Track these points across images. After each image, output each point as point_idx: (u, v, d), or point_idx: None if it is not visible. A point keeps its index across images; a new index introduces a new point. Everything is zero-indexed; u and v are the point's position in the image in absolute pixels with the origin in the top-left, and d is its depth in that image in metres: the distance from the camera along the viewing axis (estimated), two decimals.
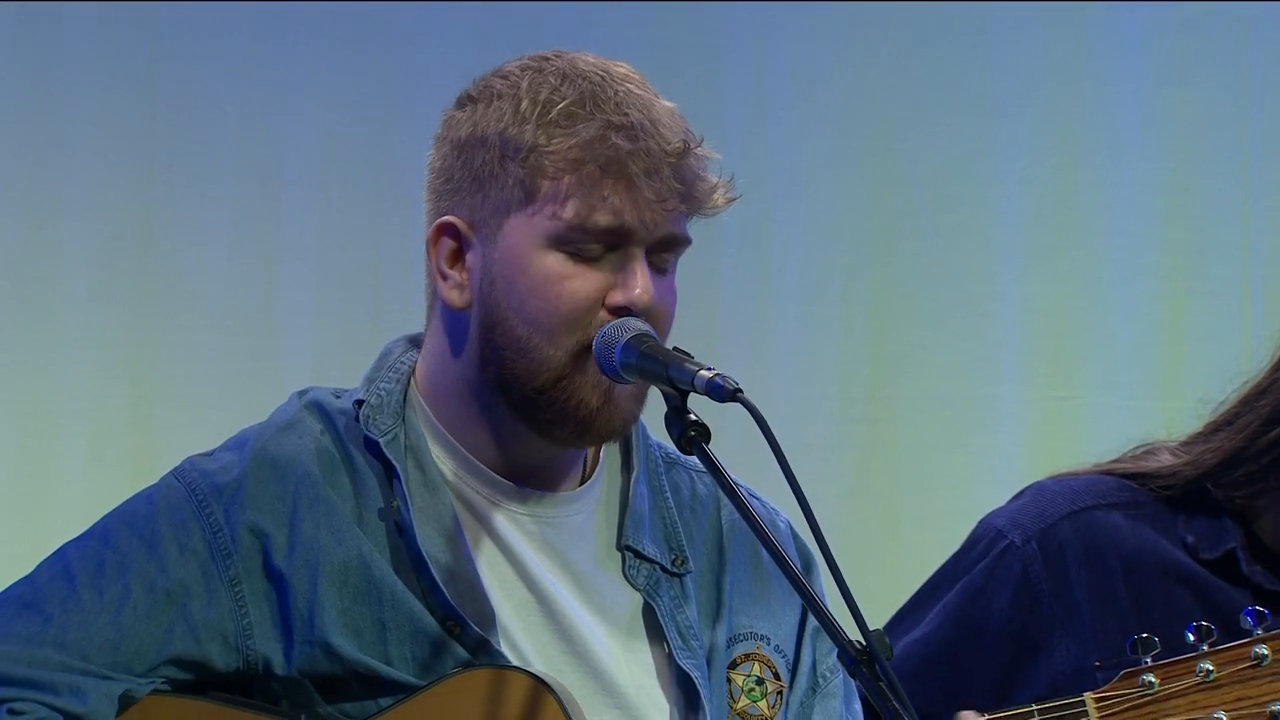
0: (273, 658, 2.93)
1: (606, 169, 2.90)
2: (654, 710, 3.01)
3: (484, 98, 2.98)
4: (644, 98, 2.94)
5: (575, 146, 2.91)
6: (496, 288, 2.95)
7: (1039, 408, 5.36)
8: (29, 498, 4.81)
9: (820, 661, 3.13)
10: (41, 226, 4.86)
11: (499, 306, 2.95)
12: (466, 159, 2.97)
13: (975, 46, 5.34)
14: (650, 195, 2.91)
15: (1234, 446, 3.71)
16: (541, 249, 2.93)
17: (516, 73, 2.98)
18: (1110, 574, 3.70)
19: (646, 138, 2.91)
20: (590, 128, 2.91)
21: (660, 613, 3.03)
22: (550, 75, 2.95)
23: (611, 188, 2.91)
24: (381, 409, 3.01)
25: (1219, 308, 5.37)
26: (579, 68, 2.96)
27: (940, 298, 5.34)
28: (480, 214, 2.96)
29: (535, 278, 2.93)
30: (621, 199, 2.91)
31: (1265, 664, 3.02)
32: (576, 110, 2.92)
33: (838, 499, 5.18)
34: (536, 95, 2.94)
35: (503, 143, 2.94)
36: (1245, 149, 5.44)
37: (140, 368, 4.90)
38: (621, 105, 2.92)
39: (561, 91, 2.93)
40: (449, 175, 2.99)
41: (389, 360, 3.08)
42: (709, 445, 2.79)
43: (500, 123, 2.95)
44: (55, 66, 4.84)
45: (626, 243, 2.93)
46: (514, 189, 2.93)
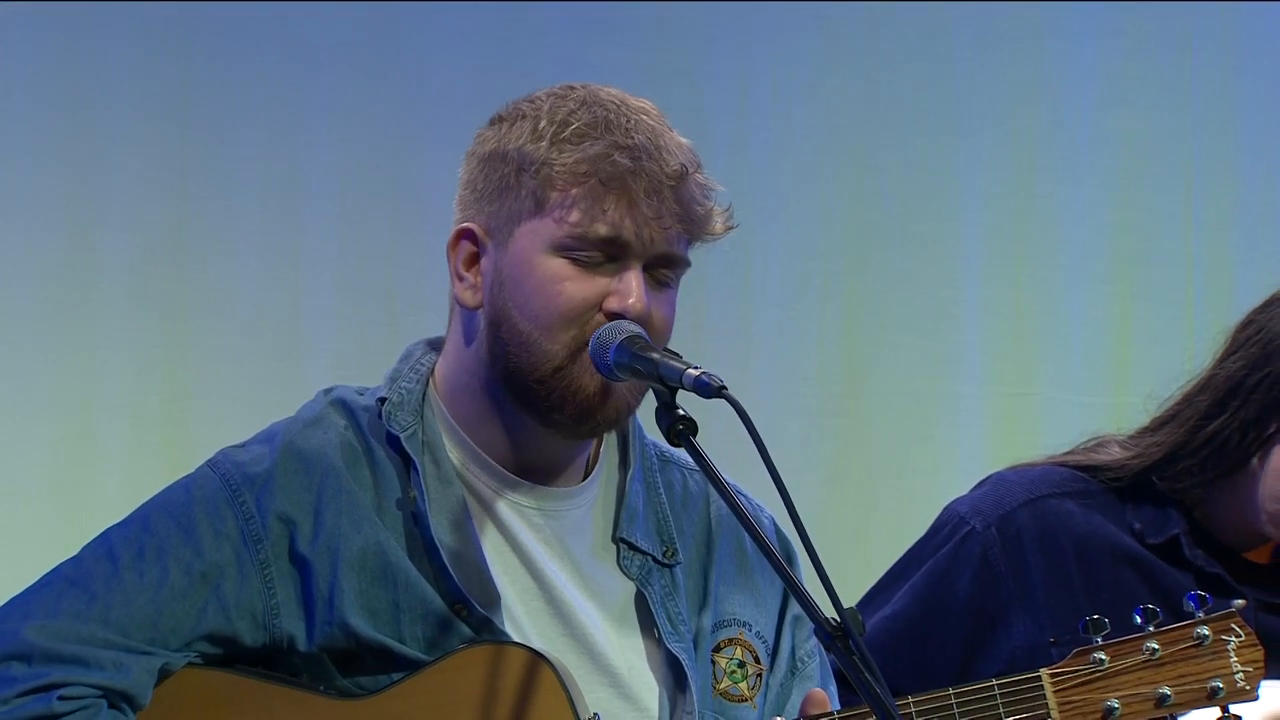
0: (296, 635, 2.94)
1: (608, 184, 2.92)
2: (645, 689, 3.02)
3: (510, 118, 3.01)
4: (654, 125, 2.96)
5: (582, 161, 2.92)
6: (505, 288, 2.97)
7: (998, 404, 5.36)
8: (72, 485, 4.79)
9: (799, 647, 3.14)
10: (84, 237, 4.84)
11: (506, 305, 2.96)
12: (489, 172, 2.99)
13: (940, 74, 5.34)
14: (648, 213, 2.92)
15: (1177, 441, 3.71)
16: (546, 254, 2.95)
17: (542, 97, 3.00)
18: (1064, 557, 3.70)
19: (649, 159, 2.92)
20: (597, 145, 2.93)
21: (651, 600, 3.04)
22: (571, 100, 2.98)
23: (613, 202, 2.92)
24: (402, 406, 3.02)
25: (1163, 312, 5.37)
26: (599, 96, 2.99)
27: (908, 302, 5.34)
28: (496, 222, 2.98)
29: (539, 279, 2.94)
30: (621, 213, 2.92)
31: (1206, 644, 3.02)
32: (588, 130, 2.94)
33: (815, 487, 5.17)
34: (554, 116, 2.96)
35: (520, 157, 2.96)
36: (1187, 167, 5.45)
37: (174, 366, 4.89)
38: (630, 129, 2.94)
39: (578, 114, 2.96)
40: (474, 186, 3.02)
41: (410, 361, 3.09)
42: (696, 438, 2.79)
43: (520, 139, 2.97)
44: (98, 93, 4.83)
45: (624, 255, 2.94)
46: (526, 199, 2.95)
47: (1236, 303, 3.80)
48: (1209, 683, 3.00)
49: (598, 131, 2.94)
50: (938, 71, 5.34)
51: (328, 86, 4.98)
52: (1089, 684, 2.99)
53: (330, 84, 4.98)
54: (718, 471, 2.80)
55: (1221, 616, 3.03)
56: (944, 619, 3.69)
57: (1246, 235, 5.45)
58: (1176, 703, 2.99)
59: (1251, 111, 5.46)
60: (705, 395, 2.80)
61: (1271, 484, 3.65)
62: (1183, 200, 5.44)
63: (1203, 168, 5.45)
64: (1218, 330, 3.78)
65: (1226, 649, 3.01)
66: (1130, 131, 5.41)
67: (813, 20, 5.31)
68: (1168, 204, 5.44)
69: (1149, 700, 3.00)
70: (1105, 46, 5.42)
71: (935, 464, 5.24)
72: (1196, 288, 5.42)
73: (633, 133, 2.94)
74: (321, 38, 4.97)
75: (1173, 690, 3.00)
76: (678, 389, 2.83)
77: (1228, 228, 5.47)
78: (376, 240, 5.01)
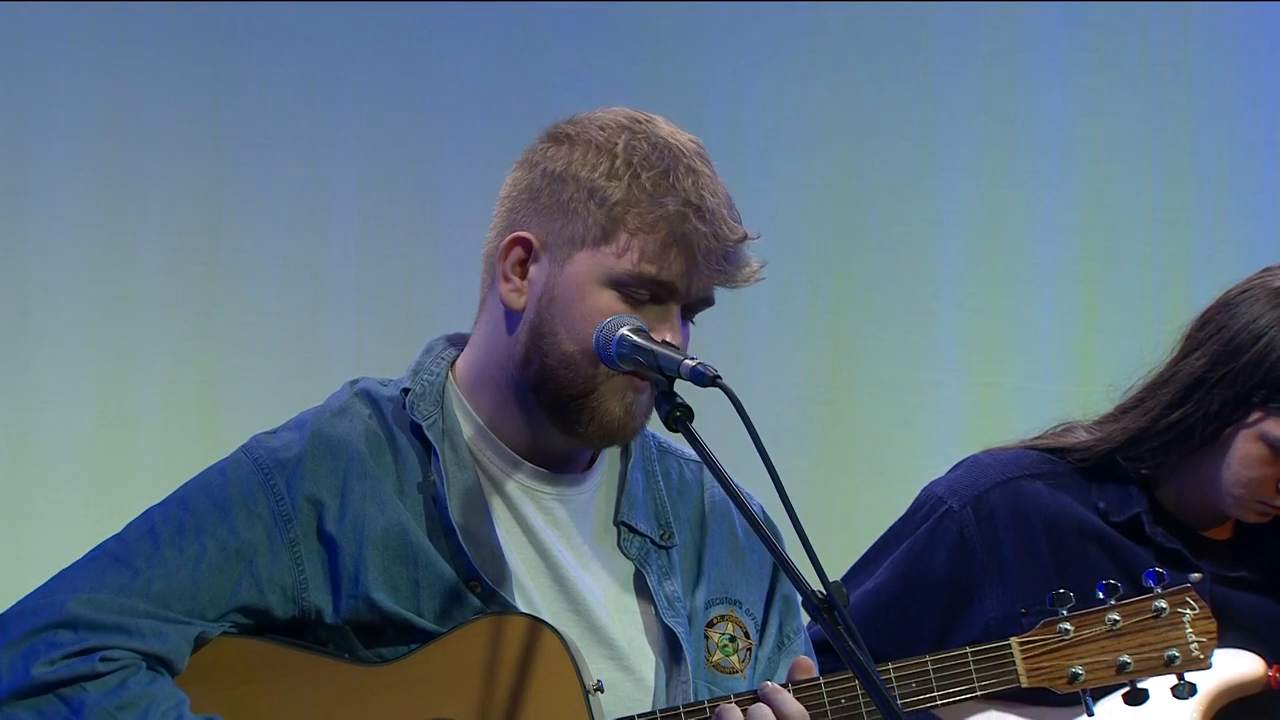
0: (324, 608, 2.94)
1: (678, 241, 2.92)
2: (643, 661, 3.02)
3: (579, 141, 2.98)
4: (715, 182, 2.96)
5: (659, 217, 2.92)
6: (555, 305, 2.95)
7: (974, 392, 5.36)
8: (113, 469, 4.79)
9: (786, 624, 3.14)
10: (123, 237, 4.84)
11: (553, 321, 2.96)
12: (556, 189, 2.97)
13: (920, 86, 5.34)
14: (705, 272, 2.94)
15: (1139, 426, 3.71)
16: (600, 284, 2.94)
17: (612, 127, 2.98)
18: (1034, 534, 3.70)
19: (718, 224, 2.93)
20: (673, 202, 2.92)
21: (650, 580, 3.04)
22: (642, 140, 2.96)
23: (676, 255, 2.92)
24: (424, 396, 3.02)
25: (1125, 307, 5.37)
26: (665, 140, 2.97)
27: (890, 298, 5.34)
28: (555, 239, 2.96)
29: (590, 307, 2.93)
30: (681, 266, 2.93)
31: (1164, 616, 3.01)
32: (661, 180, 2.93)
33: (803, 470, 5.17)
34: (630, 157, 2.94)
35: (593, 188, 2.94)
36: (1147, 172, 5.45)
37: (206, 357, 4.89)
38: (701, 189, 2.94)
39: (652, 160, 2.94)
40: (534, 196, 2.99)
41: (431, 355, 3.08)
42: (692, 424, 2.80)
43: (594, 171, 2.95)
44: (136, 104, 4.83)
45: (670, 298, 2.95)
46: (593, 227, 2.94)
47: (1193, 298, 3.81)
48: (1166, 651, 3.00)
49: (669, 181, 2.93)
50: (918, 84, 5.34)
51: (348, 97, 4.98)
52: (1055, 652, 2.99)
53: (351, 95, 4.98)
54: (713, 456, 2.80)
55: (1178, 591, 3.03)
56: (922, 592, 3.69)
57: (1202, 235, 5.45)
58: (1136, 670, 2.99)
59: (1206, 120, 5.46)
60: (701, 384, 2.81)
61: (1234, 470, 3.64)
62: (1143, 203, 5.44)
63: (1161, 173, 5.45)
64: (1175, 324, 3.79)
65: (1182, 621, 3.01)
66: (1094, 139, 5.41)
67: (802, 36, 5.31)
68: (1129, 206, 5.44)
69: (1110, 667, 3.00)
70: (1071, 61, 5.42)
71: (915, 448, 5.24)
72: (1155, 284, 5.42)
73: (704, 194, 2.93)
74: (343, 52, 4.98)
75: (1132, 658, 3.00)
76: (675, 378, 2.83)
77: (1185, 228, 5.47)
78: (394, 240, 5.02)
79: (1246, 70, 5.49)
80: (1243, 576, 3.73)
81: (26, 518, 4.73)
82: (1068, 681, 2.98)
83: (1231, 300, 3.68)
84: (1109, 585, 3.02)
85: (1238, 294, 3.69)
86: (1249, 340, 3.62)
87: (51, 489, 4.75)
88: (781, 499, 2.72)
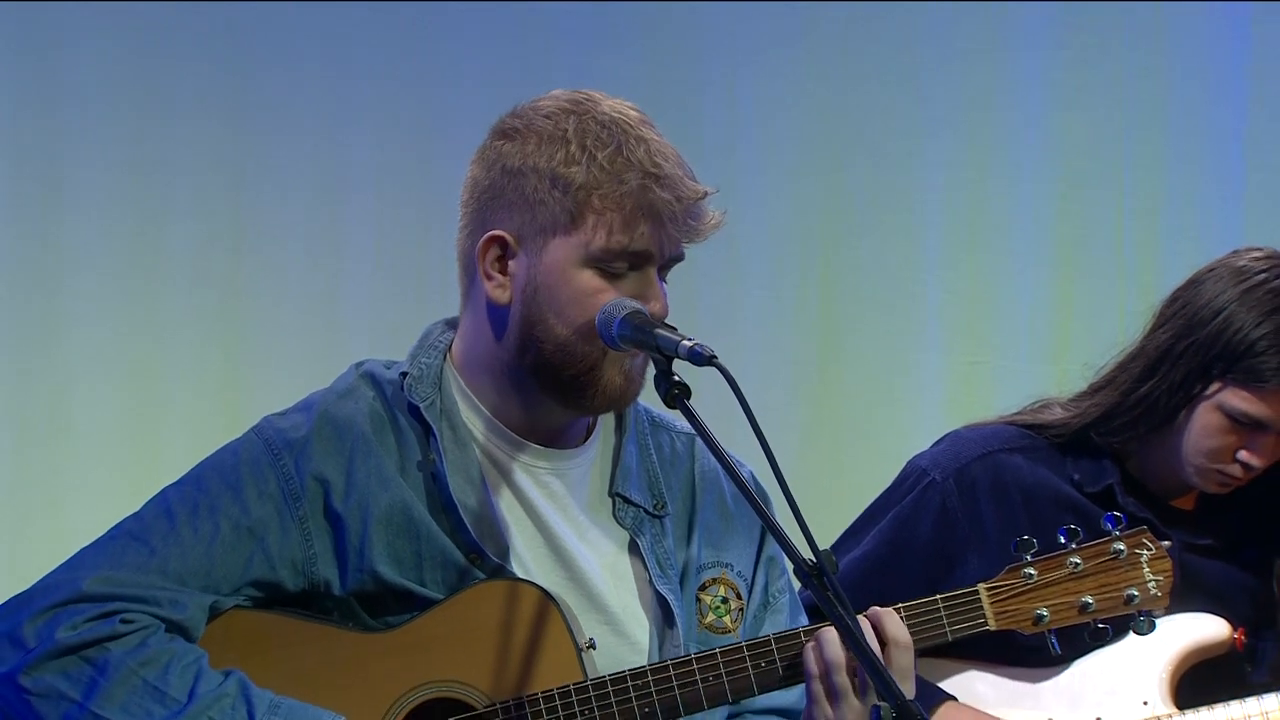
0: (332, 581, 2.94)
1: (644, 212, 2.91)
2: (636, 626, 3.02)
3: (531, 133, 2.96)
4: (664, 147, 2.95)
5: (623, 194, 2.90)
6: (540, 295, 2.94)
7: (956, 371, 5.36)
8: (142, 446, 4.79)
9: (771, 584, 3.14)
10: (152, 228, 4.84)
11: (542, 309, 2.94)
12: (518, 184, 2.95)
13: (904, 83, 5.34)
14: (674, 233, 2.92)
15: (1112, 402, 3.72)
16: (578, 266, 2.92)
17: (558, 114, 2.96)
18: (1012, 504, 3.71)
19: (678, 187, 2.91)
20: (633, 176, 2.90)
21: (643, 547, 3.04)
22: (590, 122, 2.94)
23: (644, 224, 2.91)
24: (422, 379, 3.01)
25: (1099, 291, 5.36)
26: (612, 117, 2.95)
27: (876, 283, 5.34)
28: (526, 231, 2.95)
29: (574, 290, 2.93)
30: (651, 233, 2.91)
31: (1122, 557, 3.00)
32: (617, 157, 2.91)
33: (793, 445, 5.17)
34: (583, 140, 2.92)
35: (554, 177, 2.92)
36: (1119, 164, 5.44)
37: (231, 341, 4.89)
38: (653, 155, 2.92)
39: (603, 139, 2.92)
40: (498, 193, 2.97)
41: (429, 340, 3.08)
42: (690, 401, 2.81)
43: (553, 160, 2.93)
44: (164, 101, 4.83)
45: (647, 264, 2.93)
46: (561, 215, 2.92)
47: (1162, 283, 3.81)
48: (1125, 591, 2.99)
49: (629, 159, 2.91)
50: (903, 82, 5.33)
51: (364, 95, 4.98)
52: (1021, 595, 2.99)
53: (366, 93, 4.98)
54: (708, 430, 2.80)
55: (1135, 533, 3.02)
56: (907, 559, 3.70)
57: (1171, 223, 5.44)
58: (1097, 609, 2.99)
59: (1175, 115, 5.46)
60: (698, 364, 2.81)
61: (1195, 440, 3.65)
62: (1115, 193, 5.43)
63: (1132, 164, 5.44)
64: (1146, 307, 3.80)
65: (1140, 561, 3.00)
66: (1070, 133, 5.41)
67: (795, 37, 5.31)
68: (1102, 197, 5.43)
69: (1074, 608, 2.99)
70: (1048, 60, 5.41)
71: (900, 424, 5.24)
72: (1127, 270, 5.42)
73: (659, 160, 2.92)
74: (358, 53, 4.98)
75: (1094, 598, 2.99)
76: (674, 358, 2.83)
77: (1155, 216, 5.46)
78: (407, 229, 5.02)
79: (1214, 68, 5.49)
80: (1208, 544, 3.74)
81: (62, 491, 4.74)
82: (1033, 623, 2.98)
83: (1198, 279, 3.69)
84: (1070, 530, 3.02)
85: (1204, 273, 3.70)
86: (1210, 315, 3.62)
87: (85, 465, 4.76)
88: (774, 472, 2.72)
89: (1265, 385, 3.58)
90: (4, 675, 2.83)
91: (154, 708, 2.82)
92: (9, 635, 2.85)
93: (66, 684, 2.82)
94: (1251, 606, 3.72)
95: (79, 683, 2.81)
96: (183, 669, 2.83)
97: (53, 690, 2.81)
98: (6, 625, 2.86)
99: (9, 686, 2.83)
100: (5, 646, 2.84)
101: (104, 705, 2.81)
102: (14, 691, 2.82)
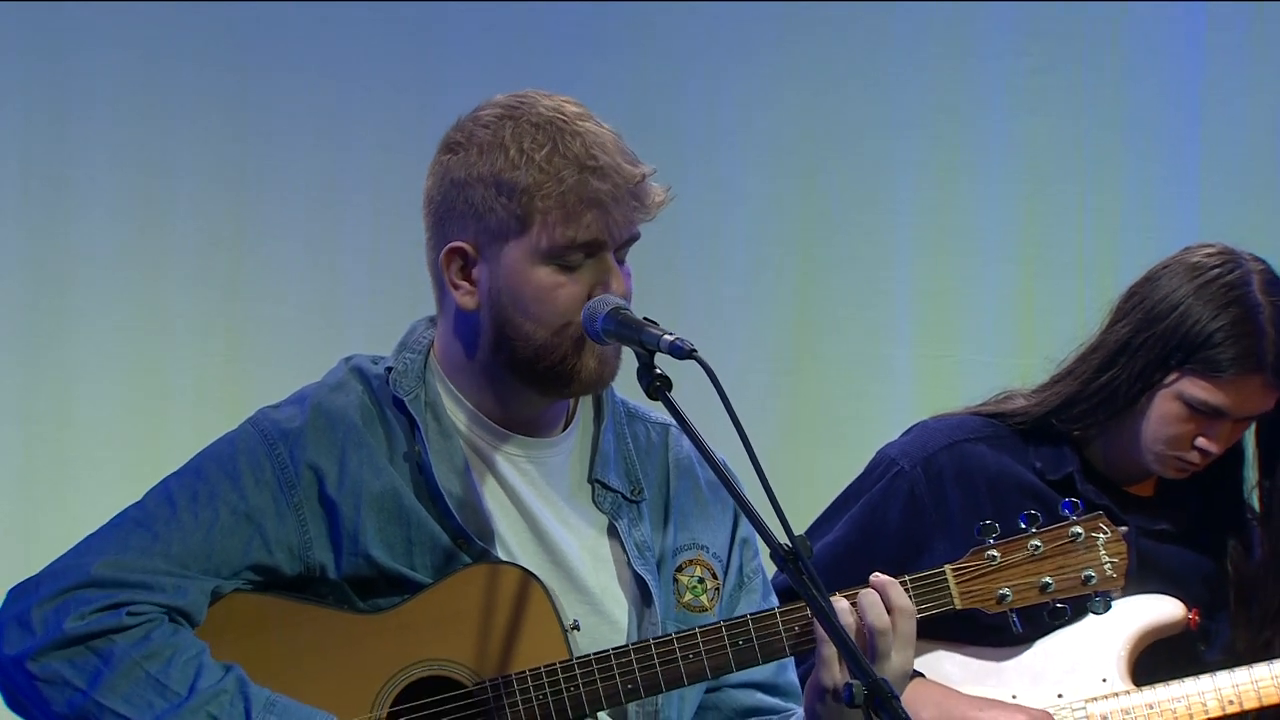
0: (327, 565, 2.94)
1: (587, 203, 2.89)
2: (615, 606, 3.02)
3: (473, 145, 2.94)
4: (601, 136, 2.93)
5: (562, 190, 2.89)
6: (504, 297, 2.93)
7: (924, 364, 5.36)
8: (147, 437, 4.78)
9: (745, 565, 3.14)
10: (156, 227, 4.84)
11: (508, 310, 2.94)
12: (467, 195, 2.93)
13: (875, 87, 5.34)
14: (619, 218, 2.91)
15: (1072, 390, 3.73)
16: (535, 264, 2.92)
17: (495, 122, 2.94)
18: (977, 491, 3.71)
19: (615, 174, 2.90)
20: (570, 172, 2.88)
21: (621, 531, 3.03)
22: (524, 124, 2.91)
23: (590, 215, 2.90)
24: (406, 374, 3.02)
25: (1060, 288, 5.37)
26: (546, 116, 2.92)
27: (849, 279, 5.34)
28: (482, 238, 2.94)
29: (535, 288, 2.92)
30: (598, 222, 2.90)
31: (1079, 540, 3.01)
32: (554, 156, 2.89)
33: (770, 435, 5.17)
34: (521, 144, 2.90)
35: (498, 184, 2.91)
36: (1079, 165, 5.45)
37: (233, 335, 4.89)
38: (590, 148, 2.90)
39: (539, 140, 2.90)
40: (450, 206, 2.96)
41: (413, 336, 3.08)
42: (671, 393, 2.81)
43: (493, 168, 2.91)
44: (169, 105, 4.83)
45: (601, 250, 2.92)
46: (510, 220, 2.91)
47: (1121, 279, 3.82)
48: (1083, 572, 3.00)
49: (565, 155, 2.89)
50: (875, 87, 5.34)
51: (361, 101, 4.98)
52: (984, 576, 2.99)
53: (363, 99, 4.98)
54: (689, 421, 2.81)
55: (1091, 519, 3.03)
56: (877, 544, 3.70)
57: (1129, 222, 5.45)
58: (1057, 589, 2.99)
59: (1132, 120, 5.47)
60: (679, 357, 2.81)
61: (1154, 428, 3.66)
62: (1075, 193, 5.44)
63: (1092, 166, 5.45)
64: (1105, 303, 3.80)
65: (1097, 544, 3.01)
66: (1032, 136, 5.41)
67: (772, 43, 5.31)
68: (1063, 196, 5.44)
69: (1034, 588, 2.99)
70: (1012, 65, 5.42)
71: (871, 415, 5.24)
72: (1087, 267, 5.43)
73: (593, 151, 2.90)
74: (356, 60, 4.98)
75: (1053, 579, 2.99)
76: (655, 351, 2.82)
77: (1113, 216, 5.47)
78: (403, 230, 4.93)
79: (1168, 72, 5.50)
80: (1165, 529, 3.75)
81: (68, 481, 4.74)
82: (996, 602, 2.98)
83: (1154, 275, 3.71)
84: (1030, 515, 3.02)
85: (1159, 269, 3.71)
86: (1168, 309, 3.63)
87: (91, 456, 4.76)
88: (751, 461, 2.72)
89: (1222, 375, 3.59)
90: (13, 659, 2.83)
91: (155, 700, 2.82)
92: (18, 619, 2.85)
93: (72, 672, 2.82)
94: (1206, 588, 3.74)
95: (84, 672, 2.82)
96: (184, 663, 2.84)
97: (59, 678, 2.82)
98: (16, 610, 2.86)
99: (18, 670, 2.83)
100: (14, 630, 2.84)
101: (107, 695, 2.81)
102: (22, 675, 2.83)
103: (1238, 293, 3.60)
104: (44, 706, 2.82)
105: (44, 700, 2.82)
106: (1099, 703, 3.65)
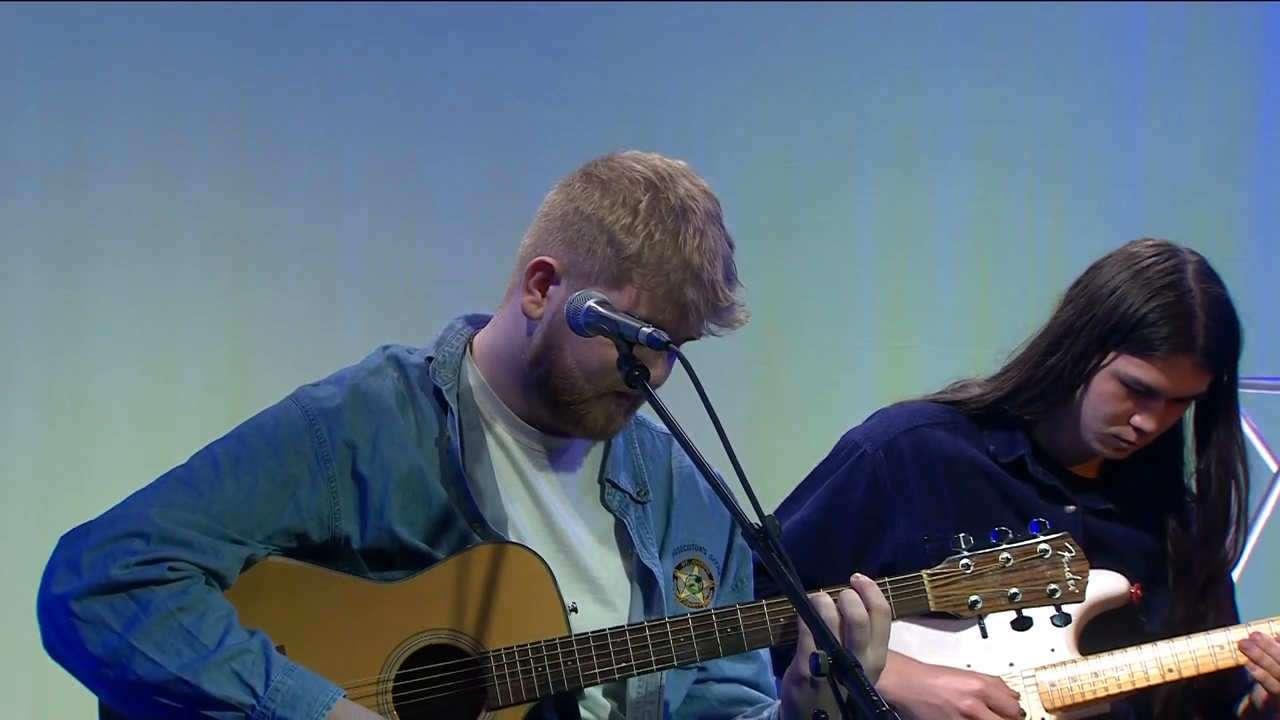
0: (352, 535, 2.95)
1: (674, 302, 2.89)
2: (619, 596, 3.03)
3: (611, 190, 2.91)
4: (717, 246, 2.91)
5: (663, 279, 2.88)
6: (565, 326, 2.91)
7: (886, 354, 5.39)
8: (158, 421, 4.80)
9: (740, 570, 3.15)
10: (166, 224, 4.85)
11: (561, 338, 2.93)
12: (583, 227, 2.91)
13: (839, 96, 5.37)
14: (694, 326, 2.92)
15: (1023, 376, 3.73)
16: None
17: (641, 184, 2.91)
18: (935, 473, 3.72)
19: (712, 291, 2.89)
20: (675, 270, 2.87)
21: (629, 526, 3.04)
22: (661, 202, 2.90)
23: (671, 312, 2.89)
24: (445, 365, 3.02)
25: (1012, 284, 5.41)
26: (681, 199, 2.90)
27: (815, 275, 5.37)
28: (573, 268, 2.92)
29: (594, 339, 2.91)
30: (673, 321, 2.90)
31: (1046, 557, 3.03)
32: (671, 242, 2.88)
33: (742, 421, 5.19)
34: (649, 218, 2.88)
35: (611, 237, 2.89)
36: (1031, 168, 5.49)
37: (238, 327, 4.90)
38: (703, 254, 2.88)
39: (666, 224, 2.88)
40: (565, 226, 2.93)
41: (452, 331, 3.07)
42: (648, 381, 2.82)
43: (617, 223, 2.89)
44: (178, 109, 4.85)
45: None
46: (605, 271, 2.90)
47: (1070, 275, 3.82)
48: (1048, 586, 3.03)
49: (680, 247, 2.87)
50: (837, 96, 5.37)
51: (359, 104, 5.01)
52: (958, 583, 3.01)
53: (361, 102, 5.01)
54: (664, 406, 2.82)
55: (1059, 538, 3.06)
56: (842, 522, 3.71)
57: (1077, 223, 5.49)
58: (1023, 600, 3.03)
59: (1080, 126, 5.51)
60: (655, 348, 2.81)
61: (1093, 406, 3.66)
62: (1026, 195, 5.48)
63: (1042, 170, 5.49)
64: (1054, 297, 3.81)
65: (1062, 561, 3.04)
66: (986, 141, 5.45)
67: (741, 54, 5.34)
68: (1015, 198, 5.48)
69: (1004, 597, 3.02)
70: (967, 74, 5.46)
71: (836, 402, 5.26)
72: (1038, 264, 5.46)
73: (705, 261, 2.88)
74: (354, 65, 5.01)
75: (1021, 590, 3.02)
76: (634, 343, 2.82)
77: (1063, 217, 5.51)
78: (398, 227, 5.03)
79: (1115, 84, 5.53)
80: (1110, 508, 3.75)
81: (85, 463, 4.75)
82: (968, 608, 3.02)
83: (1097, 265, 3.72)
84: (1001, 531, 3.05)
85: (1102, 260, 3.73)
86: (1106, 294, 3.64)
87: (106, 438, 4.77)
88: (724, 445, 2.72)
89: (1156, 354, 3.60)
90: (58, 597, 2.85)
91: (184, 649, 2.84)
92: (69, 563, 2.86)
93: (112, 615, 2.84)
94: (1147, 564, 3.75)
95: (123, 616, 2.84)
96: (215, 620, 2.87)
97: (99, 619, 2.84)
98: (69, 554, 2.87)
99: (61, 608, 2.85)
100: (64, 572, 2.86)
101: (141, 639, 2.84)
102: (64, 614, 2.84)
103: (1172, 278, 3.62)
104: (80, 646, 2.85)
105: (80, 640, 2.84)
106: (1048, 671, 3.66)
